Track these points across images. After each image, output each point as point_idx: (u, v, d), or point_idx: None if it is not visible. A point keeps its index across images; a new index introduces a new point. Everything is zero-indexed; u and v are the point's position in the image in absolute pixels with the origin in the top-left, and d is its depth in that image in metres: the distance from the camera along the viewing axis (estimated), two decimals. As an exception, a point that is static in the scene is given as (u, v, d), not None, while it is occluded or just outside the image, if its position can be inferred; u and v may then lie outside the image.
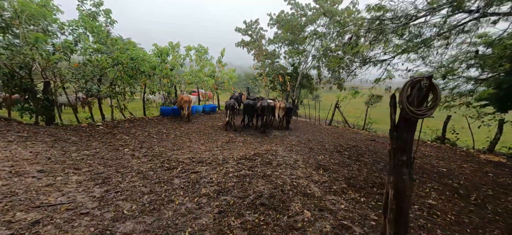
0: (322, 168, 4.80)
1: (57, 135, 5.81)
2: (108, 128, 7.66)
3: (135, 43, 8.61)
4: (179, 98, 10.15)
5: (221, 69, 13.74)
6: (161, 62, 10.42)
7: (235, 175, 4.10)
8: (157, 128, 8.28)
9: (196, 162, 4.84)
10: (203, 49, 12.67)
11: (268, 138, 7.92)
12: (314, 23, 16.10)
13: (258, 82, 18.72)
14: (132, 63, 8.47)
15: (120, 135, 6.96)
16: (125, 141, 6.37)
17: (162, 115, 10.68)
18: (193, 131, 8.44)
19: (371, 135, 10.74)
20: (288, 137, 8.23)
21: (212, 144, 6.75)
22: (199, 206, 2.98)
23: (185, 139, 7.21)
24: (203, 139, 7.35)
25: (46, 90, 6.97)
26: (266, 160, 4.92)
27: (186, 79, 11.81)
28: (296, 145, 6.90)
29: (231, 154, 5.51)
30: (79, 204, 2.74)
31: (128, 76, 8.88)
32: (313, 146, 6.98)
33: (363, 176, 4.62)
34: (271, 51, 18.26)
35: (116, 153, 5.17)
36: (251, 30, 18.32)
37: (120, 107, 9.44)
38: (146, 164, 4.57)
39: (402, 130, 1.88)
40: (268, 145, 6.64)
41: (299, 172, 4.40)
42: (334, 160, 5.59)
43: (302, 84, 17.74)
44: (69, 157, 4.51)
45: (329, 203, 3.31)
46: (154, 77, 10.09)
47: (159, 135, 7.39)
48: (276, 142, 7.24)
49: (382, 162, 5.90)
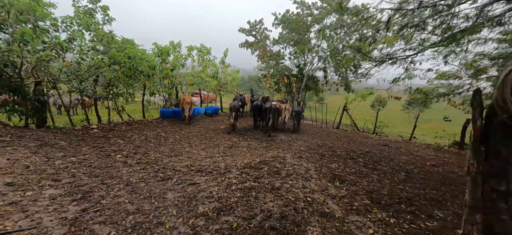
0: (338, 178, 4.20)
1: (44, 139, 5.31)
2: (103, 131, 7.17)
3: (133, 41, 8.15)
4: (181, 99, 9.67)
5: (224, 70, 13.23)
6: (162, 62, 9.95)
7: (238, 187, 3.52)
8: (155, 131, 7.77)
9: (195, 170, 4.28)
10: (206, 50, 12.19)
11: (274, 142, 7.33)
12: (320, 22, 15.50)
13: (262, 84, 18.14)
14: (129, 63, 8.00)
15: (115, 138, 6.45)
16: (119, 145, 5.85)
17: (162, 118, 10.18)
18: (193, 134, 7.91)
19: (383, 140, 10.07)
20: (296, 141, 7.63)
21: (214, 149, 6.20)
22: (195, 232, 2.41)
23: (184, 143, 6.67)
24: (204, 143, 6.81)
25: (36, 90, 6.52)
26: (274, 169, 4.34)
27: (188, 80, 11.32)
28: (305, 150, 6.31)
29: (234, 161, 4.94)
30: (43, 230, 2.19)
31: (126, 76, 8.40)
32: (324, 151, 6.37)
33: (386, 189, 4.00)
34: (276, 52, 17.70)
35: (106, 160, 4.65)
36: (255, 31, 17.82)
37: (117, 109, 8.97)
38: (138, 173, 4.02)
39: (498, 142, 1.24)
40: (275, 151, 6.06)
41: (312, 184, 3.80)
42: (349, 168, 4.98)
43: (308, 86, 17.12)
44: (51, 165, 4.00)
45: (354, 226, 2.71)
46: (154, 78, 9.61)
47: (157, 139, 6.86)
48: (284, 147, 6.65)
49: (402, 171, 5.27)
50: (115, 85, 8.71)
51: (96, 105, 8.52)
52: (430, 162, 6.77)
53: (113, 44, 7.72)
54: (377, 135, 10.99)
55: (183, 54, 11.15)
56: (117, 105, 8.89)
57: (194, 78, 11.25)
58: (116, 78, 8.37)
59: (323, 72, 17.28)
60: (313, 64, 17.05)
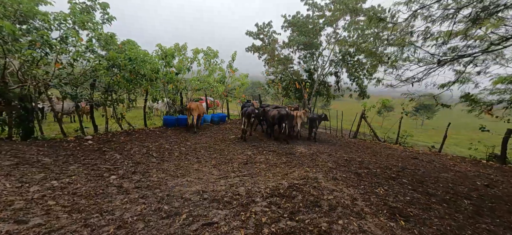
0: (399, 214, 3.20)
1: (24, 155, 4.40)
2: (99, 142, 6.26)
3: (135, 42, 7.31)
4: (188, 105, 8.83)
5: (232, 75, 12.35)
6: (166, 65, 9.10)
7: (272, 231, 2.55)
8: (158, 143, 6.84)
9: (209, 199, 3.32)
10: (212, 53, 11.35)
11: (294, 156, 6.36)
12: (333, 25, 14.64)
13: (270, 89, 17.22)
14: (130, 65, 7.14)
15: (111, 152, 5.52)
16: (115, 162, 4.91)
17: (165, 126, 9.27)
18: (201, 146, 6.96)
19: (409, 151, 9.03)
20: (319, 155, 6.65)
21: (227, 166, 5.24)
22: None
23: (192, 158, 5.72)
24: (214, 158, 5.86)
25: (23, 96, 5.65)
26: (310, 198, 3.36)
27: (193, 85, 10.43)
28: (334, 168, 5.32)
29: (255, 184, 3.98)
30: None
31: (126, 80, 7.54)
32: (357, 169, 5.38)
33: (468, 231, 2.99)
34: (285, 56, 16.81)
35: (97, 184, 3.71)
36: (263, 34, 16.99)
37: (116, 117, 8.07)
38: (135, 205, 3.07)
39: None
40: (300, 168, 5.09)
41: (370, 224, 2.81)
42: (401, 195, 3.98)
43: (319, 91, 16.18)
44: (24, 193, 3.06)
45: None
46: (157, 82, 8.74)
47: (160, 152, 5.93)
48: (307, 163, 5.68)
49: (464, 198, 4.25)
50: (114, 91, 7.84)
51: (92, 113, 7.63)
52: (478, 180, 5.74)
53: (112, 45, 6.88)
54: (400, 146, 9.95)
55: (189, 57, 10.31)
56: (116, 113, 8.00)
57: (201, 83, 10.36)
58: (115, 82, 7.51)
59: (335, 77, 16.37)
60: (324, 69, 16.15)
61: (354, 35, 14.76)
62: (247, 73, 12.27)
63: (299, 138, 9.12)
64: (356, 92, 15.38)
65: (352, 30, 15.02)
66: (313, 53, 16.09)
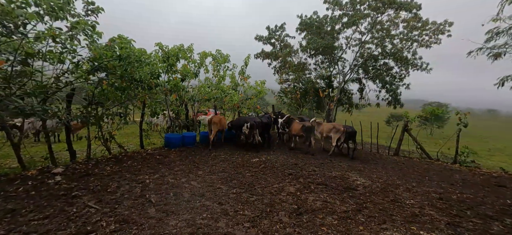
0: None
1: None
2: (72, 178, 4.25)
3: (126, 38, 5.42)
4: (210, 119, 7.05)
5: (245, 82, 10.46)
6: (168, 69, 7.21)
7: None
8: (158, 174, 4.82)
9: None
10: (223, 57, 9.51)
11: (357, 191, 4.33)
12: (356, 24, 12.91)
13: (285, 98, 15.33)
14: (121, 68, 5.23)
15: (84, 197, 3.50)
16: (86, 220, 2.89)
17: (167, 148, 7.25)
18: (219, 176, 4.93)
19: (482, 173, 6.96)
20: (392, 188, 4.62)
21: (271, 219, 3.20)
22: None
23: (211, 203, 3.67)
24: (244, 199, 3.81)
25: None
26: None
27: (203, 93, 8.47)
28: (437, 220, 3.30)
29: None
30: None
31: (116, 89, 5.62)
32: (462, 219, 3.37)
33: None
34: (299, 62, 15.01)
35: None
36: (274, 38, 15.30)
37: (103, 138, 6.08)
38: None
39: None
40: (386, 220, 3.06)
41: None
42: None
43: (341, 100, 14.30)
44: None
45: None
46: (157, 92, 6.80)
47: (160, 194, 3.89)
48: (385, 206, 3.66)
49: None
50: (101, 103, 5.88)
51: (68, 135, 5.63)
52: None
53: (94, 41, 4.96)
54: (464, 167, 7.87)
55: (196, 60, 8.45)
56: (102, 133, 6.02)
57: (212, 91, 8.43)
58: (100, 92, 5.58)
59: (359, 84, 14.55)
60: (345, 75, 14.34)
61: (379, 37, 13.07)
62: (264, 79, 10.37)
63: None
64: (384, 100, 13.50)
65: (374, 31, 13.38)
66: (333, 58, 14.33)
